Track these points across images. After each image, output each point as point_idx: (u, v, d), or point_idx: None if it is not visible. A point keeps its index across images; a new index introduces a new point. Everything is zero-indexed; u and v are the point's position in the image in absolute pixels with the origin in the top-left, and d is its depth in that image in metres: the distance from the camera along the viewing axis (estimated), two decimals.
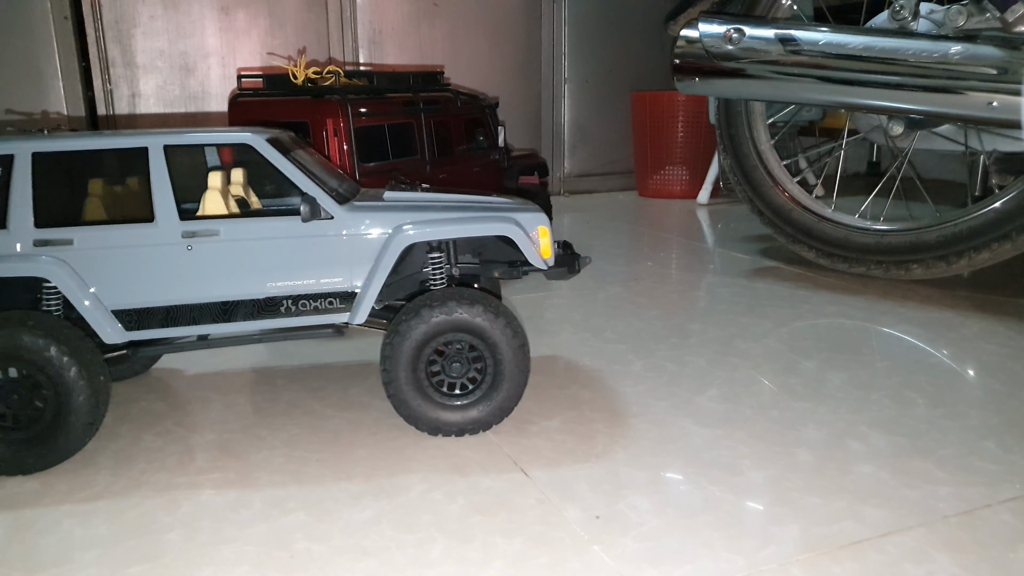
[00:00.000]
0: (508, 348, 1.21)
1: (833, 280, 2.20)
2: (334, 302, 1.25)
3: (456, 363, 1.22)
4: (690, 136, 3.71)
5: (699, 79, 2.19)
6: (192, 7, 3.21)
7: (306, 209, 1.18)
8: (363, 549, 0.96)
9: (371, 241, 1.24)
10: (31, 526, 1.02)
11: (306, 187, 1.21)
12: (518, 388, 1.23)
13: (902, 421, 1.29)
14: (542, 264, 1.30)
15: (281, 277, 1.22)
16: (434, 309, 1.19)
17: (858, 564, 0.92)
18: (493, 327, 1.20)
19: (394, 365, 1.20)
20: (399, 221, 1.24)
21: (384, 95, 2.06)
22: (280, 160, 1.21)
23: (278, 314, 1.23)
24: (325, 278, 1.23)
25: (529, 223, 1.29)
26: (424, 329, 1.19)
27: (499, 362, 1.22)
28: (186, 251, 1.19)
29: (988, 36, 1.79)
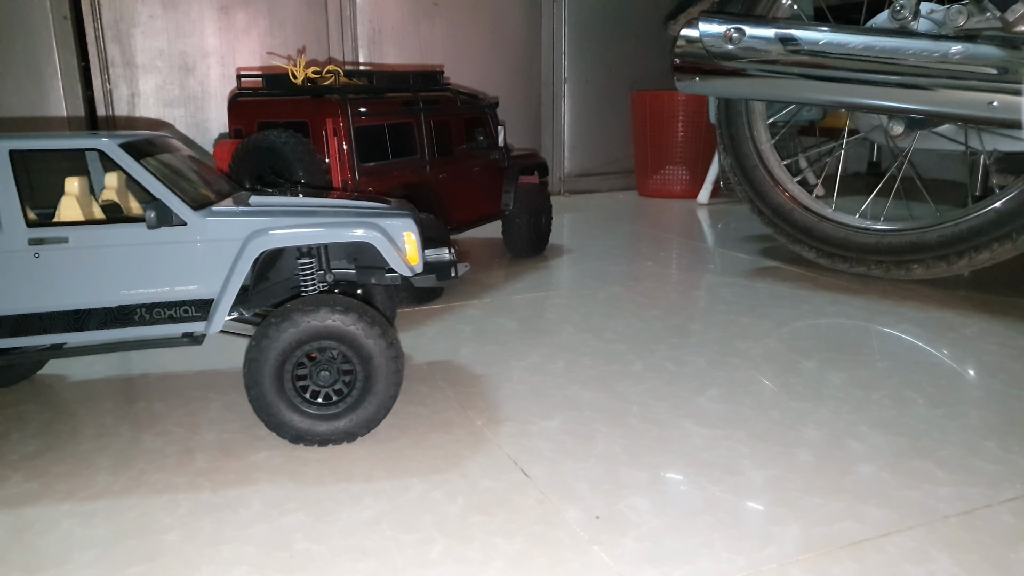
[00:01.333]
0: (381, 359, 1.19)
1: (833, 280, 2.19)
2: (189, 310, 1.22)
3: (324, 371, 1.19)
4: (690, 136, 3.71)
5: (699, 79, 2.19)
6: (192, 7, 3.21)
7: (151, 215, 1.15)
8: (363, 549, 0.96)
9: (225, 248, 1.21)
10: (31, 526, 1.02)
11: (159, 192, 1.18)
12: (387, 400, 1.21)
13: (902, 421, 1.29)
14: (405, 270, 1.27)
15: (134, 285, 1.20)
16: (304, 315, 1.16)
17: (858, 564, 0.92)
18: (366, 336, 1.17)
19: (258, 369, 1.17)
20: (254, 227, 1.21)
21: (384, 95, 2.06)
22: (133, 166, 1.18)
23: (132, 323, 1.21)
24: (180, 286, 1.21)
25: (395, 229, 1.26)
26: (292, 334, 1.16)
27: (370, 373, 1.19)
28: (33, 259, 1.16)
29: (988, 36, 1.79)
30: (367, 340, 1.18)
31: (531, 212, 2.50)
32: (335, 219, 1.24)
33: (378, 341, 1.18)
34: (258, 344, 1.16)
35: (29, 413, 1.37)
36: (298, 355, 1.17)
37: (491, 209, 2.40)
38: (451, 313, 1.94)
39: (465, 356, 1.63)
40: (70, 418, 1.35)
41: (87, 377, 1.55)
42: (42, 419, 1.35)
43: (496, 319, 1.88)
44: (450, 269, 1.37)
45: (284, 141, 1.80)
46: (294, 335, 1.16)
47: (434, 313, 1.95)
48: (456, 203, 2.23)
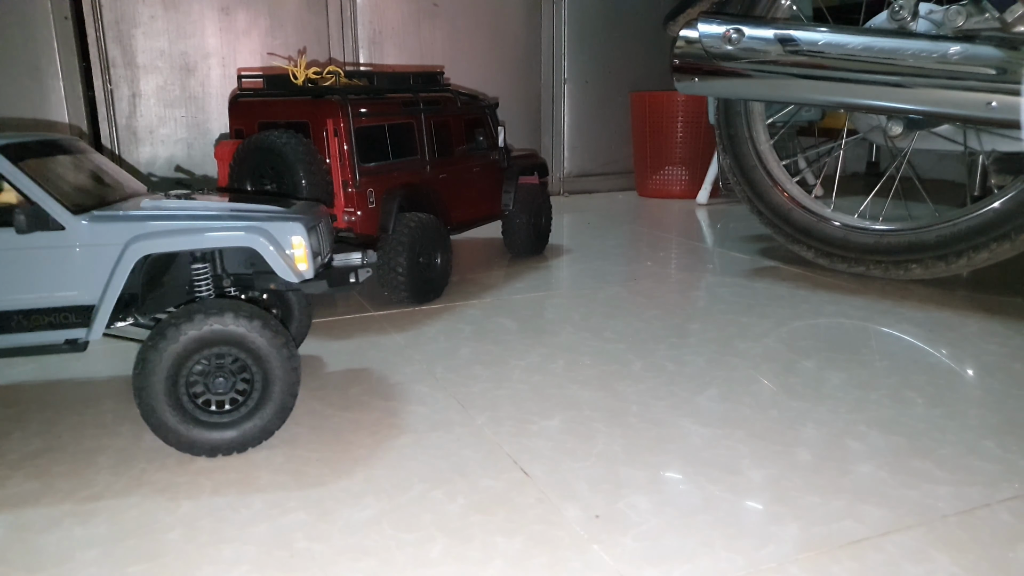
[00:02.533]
0: (277, 365, 1.16)
1: (832, 280, 2.20)
2: (69, 317, 1.19)
3: (219, 379, 1.16)
4: (689, 136, 3.72)
5: (698, 79, 2.19)
6: (192, 7, 3.21)
7: (21, 219, 1.11)
8: (363, 548, 0.96)
9: (105, 253, 1.17)
10: (32, 525, 1.02)
11: (34, 196, 1.14)
12: (284, 410, 1.19)
13: (901, 420, 1.29)
14: (291, 276, 1.22)
15: (9, 291, 1.16)
16: (206, 317, 1.13)
17: (857, 563, 0.92)
18: (269, 346, 1.15)
19: (148, 374, 1.13)
20: (134, 232, 1.18)
21: (384, 95, 2.07)
22: (7, 169, 1.15)
23: (9, 329, 1.18)
24: (59, 292, 1.17)
25: (282, 233, 1.22)
26: (194, 335, 1.13)
27: (267, 382, 1.17)
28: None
29: (987, 36, 1.79)
30: (269, 348, 1.15)
31: (531, 212, 2.51)
32: (216, 223, 1.20)
33: (280, 350, 1.16)
34: (153, 345, 1.13)
35: (30, 412, 1.37)
36: (192, 360, 1.15)
37: (491, 209, 2.41)
38: (451, 313, 1.95)
39: (465, 355, 1.63)
40: (71, 417, 1.35)
41: (88, 377, 1.55)
42: (43, 418, 1.35)
43: (496, 319, 1.89)
44: (348, 275, 1.32)
45: (285, 142, 1.81)
46: (194, 338, 1.13)
47: (434, 313, 1.95)
48: (456, 203, 2.23)
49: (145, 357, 1.14)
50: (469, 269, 2.43)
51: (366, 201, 1.93)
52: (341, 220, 1.91)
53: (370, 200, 1.94)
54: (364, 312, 1.97)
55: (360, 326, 1.85)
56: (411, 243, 1.93)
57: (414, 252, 1.95)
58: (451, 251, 2.09)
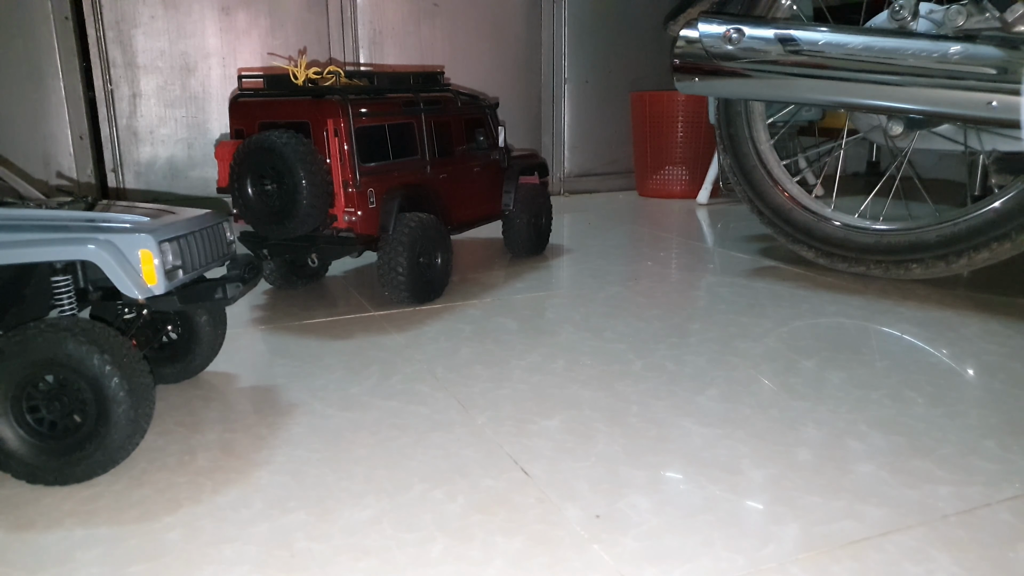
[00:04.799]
0: (107, 389, 1.08)
1: (832, 280, 2.20)
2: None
3: (57, 401, 1.10)
4: (690, 136, 3.72)
5: (699, 79, 2.19)
6: (193, 7, 3.21)
7: None
8: (364, 548, 0.96)
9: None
10: (32, 525, 1.02)
11: None
12: (124, 443, 1.11)
13: (902, 420, 1.29)
14: (134, 292, 1.15)
15: None
16: (22, 333, 1.08)
17: (858, 563, 0.92)
18: (89, 365, 1.07)
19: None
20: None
21: (384, 95, 2.07)
22: None
23: None
24: None
25: (128, 245, 1.14)
26: (11, 362, 1.07)
27: (104, 409, 1.08)
28: None
29: (988, 36, 1.79)
30: (89, 367, 1.07)
31: (531, 212, 2.51)
32: (52, 235, 1.13)
33: (104, 368, 1.07)
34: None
35: None
36: (27, 376, 1.09)
37: (491, 209, 2.41)
38: (451, 313, 1.95)
39: (465, 355, 1.63)
40: None
41: None
42: None
43: (496, 319, 1.89)
44: (215, 290, 1.25)
45: (285, 142, 1.81)
46: (26, 356, 1.07)
47: (434, 313, 1.95)
48: (456, 203, 2.23)
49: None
50: (469, 269, 2.43)
51: (366, 201, 1.93)
52: (341, 220, 1.91)
53: (370, 200, 1.94)
54: (364, 312, 1.97)
55: (360, 326, 1.85)
56: (411, 243, 1.93)
57: (414, 252, 1.95)
58: (451, 251, 2.09)
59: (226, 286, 1.25)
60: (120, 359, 1.10)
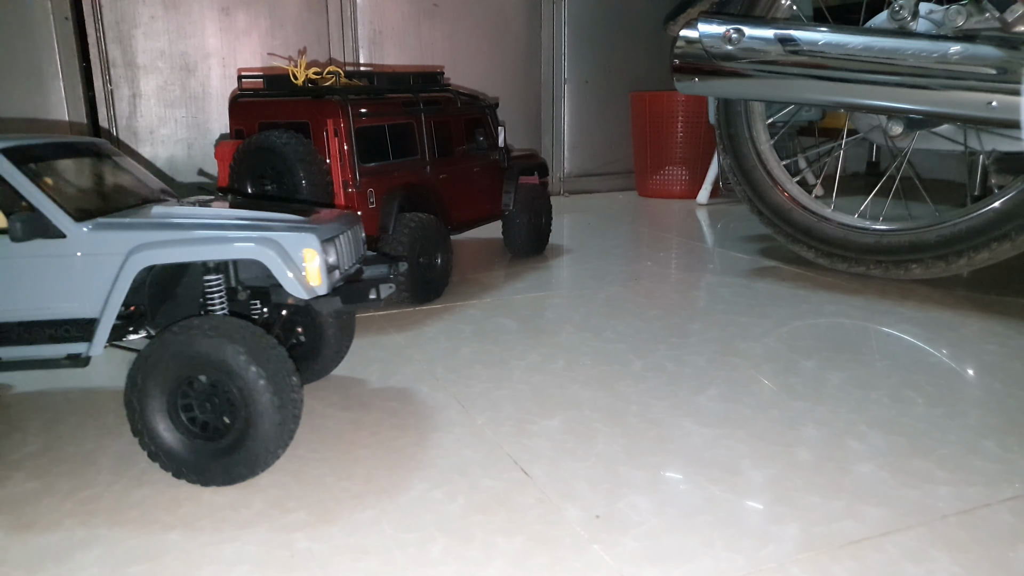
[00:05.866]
0: (256, 391, 1.05)
1: (832, 280, 2.20)
2: (70, 330, 1.12)
3: (207, 402, 1.09)
4: (690, 136, 3.72)
5: (699, 79, 2.19)
6: (192, 7, 3.21)
7: (16, 227, 1.05)
8: (364, 548, 0.96)
9: (106, 264, 1.10)
10: (32, 525, 1.02)
11: (36, 201, 1.09)
12: (267, 450, 1.08)
13: (901, 420, 1.29)
14: (301, 292, 1.13)
15: (9, 301, 1.11)
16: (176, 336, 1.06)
17: (858, 563, 0.92)
18: (239, 367, 1.05)
19: (142, 396, 1.08)
20: (137, 241, 1.10)
21: (384, 95, 2.07)
22: (11, 172, 1.10)
23: (10, 341, 1.13)
24: (59, 303, 1.11)
25: (292, 245, 1.13)
26: (169, 361, 1.07)
27: (248, 405, 1.06)
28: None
29: (987, 36, 1.79)
30: (240, 370, 1.05)
31: (531, 212, 2.51)
32: (223, 233, 1.12)
33: (248, 368, 1.05)
34: (147, 356, 1.08)
35: (30, 413, 1.37)
36: (181, 374, 1.08)
37: (491, 209, 2.41)
38: (451, 313, 1.95)
39: (465, 356, 1.63)
40: (71, 418, 1.35)
41: (88, 377, 1.55)
42: (43, 419, 1.35)
43: (496, 319, 1.89)
44: (368, 291, 1.22)
45: (285, 142, 1.81)
46: (181, 354, 1.06)
47: (434, 313, 1.95)
48: (456, 203, 2.23)
49: (131, 384, 1.08)
50: (469, 269, 2.43)
51: (366, 201, 1.93)
52: None
53: (370, 200, 1.94)
54: (364, 312, 1.97)
55: (360, 326, 1.85)
56: (411, 243, 1.93)
57: (414, 252, 1.95)
58: (451, 251, 2.09)
59: (379, 287, 1.22)
60: (270, 366, 1.06)
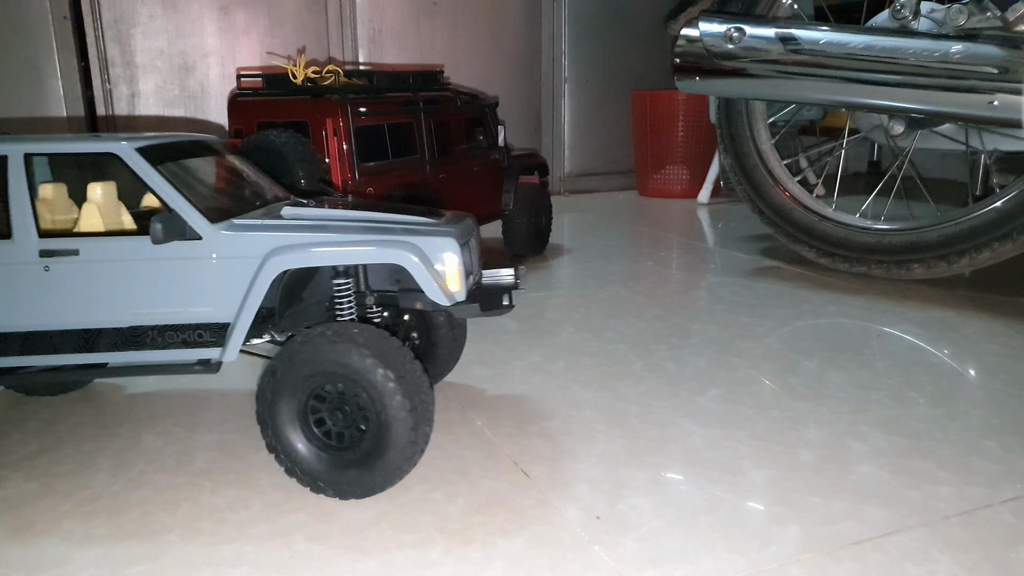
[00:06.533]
0: (387, 396, 1.01)
1: (834, 280, 2.19)
2: (203, 335, 1.11)
3: (339, 411, 1.05)
4: (690, 135, 3.71)
5: (699, 78, 2.18)
6: (191, 7, 3.21)
7: (158, 228, 1.03)
8: (363, 549, 0.96)
9: (243, 266, 1.08)
10: (31, 526, 1.02)
11: (173, 202, 1.07)
12: (399, 461, 1.03)
13: (903, 421, 1.28)
14: (442, 299, 1.09)
15: (145, 304, 1.09)
16: (300, 346, 1.03)
17: (859, 564, 0.92)
18: (367, 372, 1.00)
19: (270, 407, 1.05)
20: (274, 244, 1.07)
21: (384, 95, 2.06)
22: (147, 172, 1.08)
23: (144, 346, 1.10)
24: (193, 307, 1.09)
25: (432, 249, 1.10)
26: (299, 369, 1.03)
27: (382, 420, 1.02)
28: (43, 272, 1.07)
29: (989, 35, 1.79)
30: (384, 396, 1.01)
31: (531, 212, 2.50)
32: (361, 236, 1.09)
33: (377, 373, 1.01)
34: (276, 367, 1.04)
35: (29, 413, 1.37)
36: (307, 390, 1.04)
37: (491, 209, 2.40)
38: None
39: (465, 356, 1.62)
40: (70, 418, 1.35)
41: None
42: (42, 419, 1.35)
43: (496, 319, 1.88)
44: (502, 297, 1.16)
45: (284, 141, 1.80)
46: (313, 363, 1.02)
47: None
48: (456, 203, 2.23)
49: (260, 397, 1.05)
50: None
51: None
52: None
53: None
54: None
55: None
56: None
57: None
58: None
59: (511, 294, 1.18)
60: (399, 369, 1.02)
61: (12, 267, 1.08)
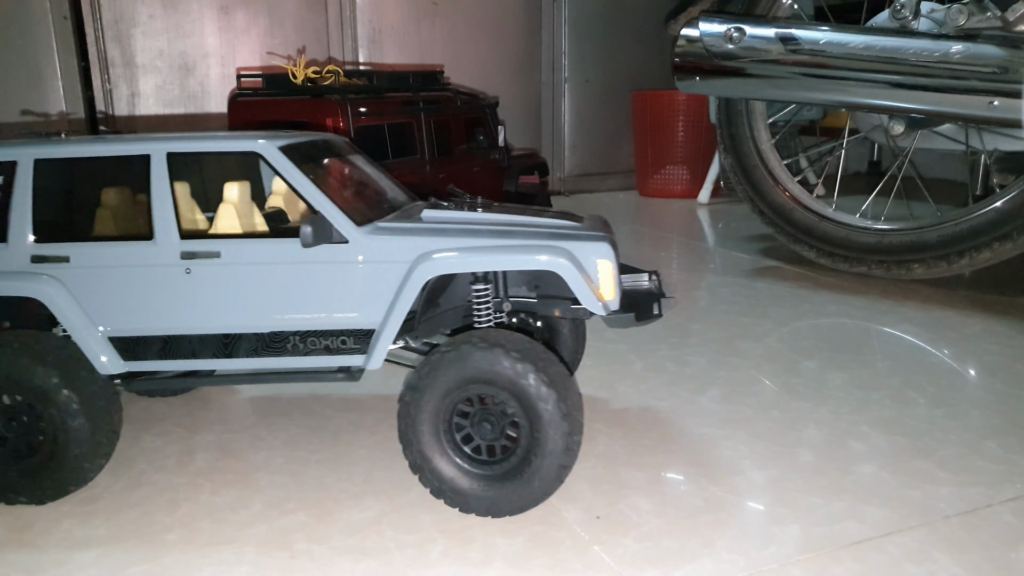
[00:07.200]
0: (540, 403, 0.96)
1: (834, 280, 2.19)
2: (347, 341, 1.07)
3: (486, 423, 1.00)
4: (690, 135, 3.71)
5: (700, 78, 2.18)
6: (191, 7, 3.21)
7: (308, 231, 0.99)
8: (363, 549, 0.96)
9: (390, 271, 1.04)
10: (31, 526, 1.02)
11: (319, 204, 1.04)
12: (555, 469, 0.98)
13: (903, 421, 1.28)
14: (596, 307, 1.04)
15: (288, 309, 1.05)
16: (475, 350, 0.98)
17: (859, 564, 0.92)
18: (518, 378, 0.96)
19: (414, 423, 1.00)
20: (424, 248, 1.03)
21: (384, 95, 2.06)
22: (292, 173, 1.05)
23: (284, 352, 1.07)
24: (338, 312, 1.05)
25: (586, 255, 1.05)
26: (445, 380, 0.98)
27: (533, 421, 0.97)
28: (184, 274, 1.05)
29: (989, 35, 1.78)
30: (519, 380, 0.96)
31: None
32: (516, 241, 1.04)
33: (529, 379, 0.96)
34: (410, 400, 1.00)
35: None
36: (452, 402, 1.00)
37: None
38: None
39: None
40: None
41: None
42: None
43: None
44: (652, 306, 1.11)
45: None
46: (460, 373, 0.98)
47: None
48: None
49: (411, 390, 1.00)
50: None
51: None
52: None
53: None
54: None
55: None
56: None
57: None
58: None
59: (660, 302, 1.12)
60: (555, 378, 0.97)
61: (153, 269, 1.05)
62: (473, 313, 1.11)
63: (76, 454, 1.03)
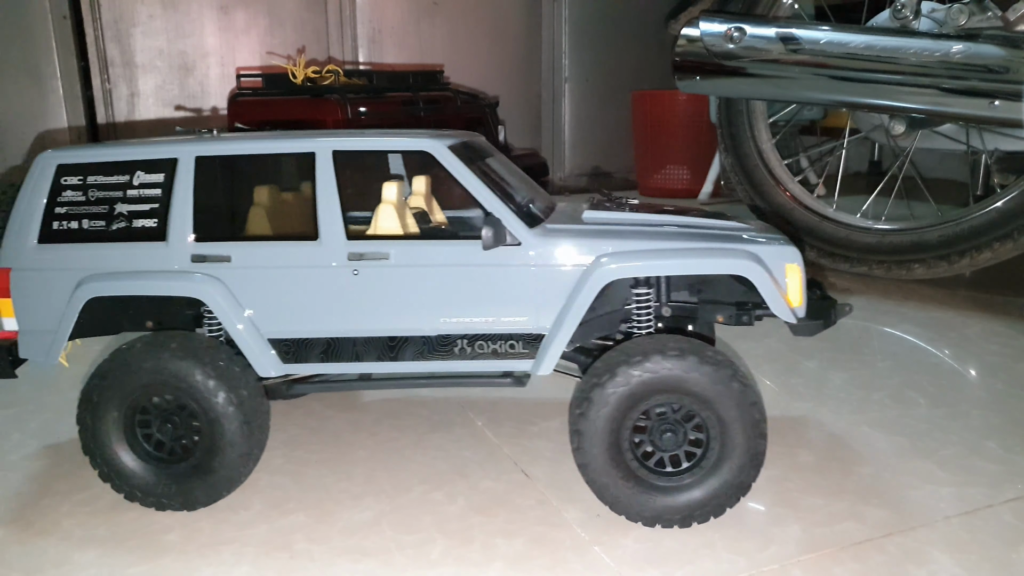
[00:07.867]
0: (735, 408, 0.94)
1: (834, 280, 2.19)
2: (516, 346, 1.04)
3: (668, 433, 0.97)
4: (691, 135, 3.71)
5: (700, 78, 2.18)
6: (191, 6, 3.20)
7: (489, 233, 0.97)
8: (363, 550, 0.96)
9: (564, 274, 1.01)
10: (31, 526, 1.02)
11: (492, 206, 1.01)
12: (753, 457, 0.96)
13: (904, 421, 1.28)
14: (789, 315, 1.00)
15: (456, 312, 1.03)
16: (634, 366, 0.95)
17: (860, 564, 0.92)
18: (715, 384, 0.94)
19: (588, 441, 0.97)
20: (600, 250, 1.01)
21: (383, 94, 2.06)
22: (463, 172, 1.03)
23: (451, 355, 1.05)
24: (507, 316, 1.03)
25: (773, 258, 1.01)
26: (624, 393, 0.95)
27: (725, 427, 0.95)
28: (351, 276, 1.02)
29: (990, 35, 1.78)
30: (715, 388, 0.94)
31: None
32: (704, 244, 1.01)
33: (729, 386, 0.94)
34: (581, 412, 0.97)
35: (29, 413, 1.37)
36: (633, 416, 0.97)
37: None
38: None
39: None
40: (70, 418, 1.35)
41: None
42: (42, 419, 1.35)
43: None
44: (831, 312, 1.08)
45: None
46: (624, 394, 0.95)
47: None
48: None
49: (577, 430, 0.97)
50: None
51: None
52: None
53: None
54: None
55: None
56: None
57: None
58: None
59: (836, 308, 1.11)
60: (735, 369, 0.96)
61: (319, 270, 1.03)
62: (632, 318, 1.07)
63: (232, 458, 1.01)
